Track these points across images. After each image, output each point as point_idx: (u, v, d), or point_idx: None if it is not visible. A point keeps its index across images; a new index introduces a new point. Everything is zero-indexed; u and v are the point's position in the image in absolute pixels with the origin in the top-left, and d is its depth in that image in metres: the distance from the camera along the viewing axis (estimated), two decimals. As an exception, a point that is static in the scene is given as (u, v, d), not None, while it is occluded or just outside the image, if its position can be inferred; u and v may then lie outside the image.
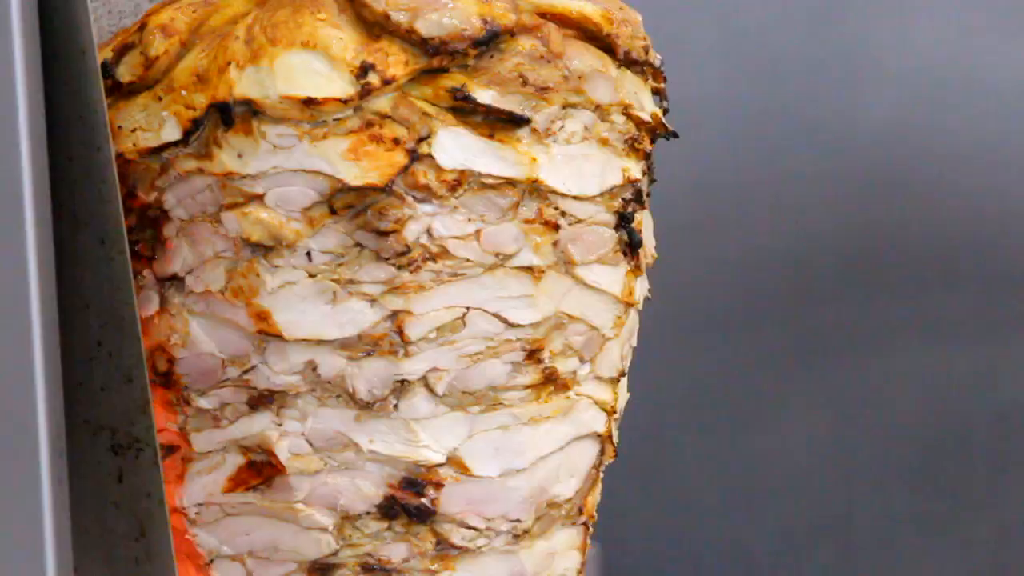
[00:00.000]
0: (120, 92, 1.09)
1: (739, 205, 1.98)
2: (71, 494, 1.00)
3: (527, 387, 1.12)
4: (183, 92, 1.08)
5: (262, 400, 1.10)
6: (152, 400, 1.03)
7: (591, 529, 1.20)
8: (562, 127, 1.10)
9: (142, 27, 1.10)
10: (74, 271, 1.02)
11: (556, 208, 1.10)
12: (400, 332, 1.08)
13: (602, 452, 1.18)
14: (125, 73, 1.10)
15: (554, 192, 1.10)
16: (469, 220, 1.08)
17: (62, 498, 0.98)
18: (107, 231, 1.02)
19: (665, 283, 1.27)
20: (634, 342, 1.21)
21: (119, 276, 1.03)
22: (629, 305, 1.16)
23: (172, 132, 1.08)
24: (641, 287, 1.18)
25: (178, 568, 1.05)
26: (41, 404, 0.97)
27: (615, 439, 1.19)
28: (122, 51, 1.11)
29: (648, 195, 1.19)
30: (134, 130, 1.09)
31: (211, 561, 1.13)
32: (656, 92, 1.18)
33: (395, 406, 1.09)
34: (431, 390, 1.09)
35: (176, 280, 1.10)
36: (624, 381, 1.20)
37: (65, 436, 1.00)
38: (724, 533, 2.02)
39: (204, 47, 1.09)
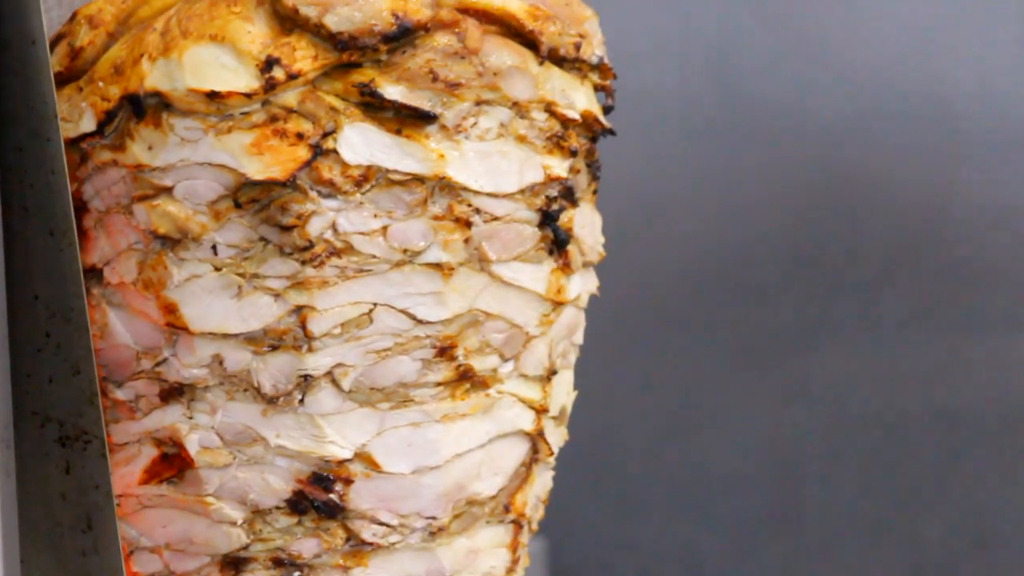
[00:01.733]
0: (50, 83, 1.10)
1: (686, 201, 1.97)
2: (18, 485, 1.01)
3: (439, 384, 1.11)
4: (100, 83, 1.08)
5: (173, 393, 1.10)
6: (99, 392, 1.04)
7: (526, 527, 1.19)
8: (475, 124, 1.09)
9: (72, 18, 1.10)
10: (23, 262, 1.03)
11: (469, 205, 1.10)
12: (304, 327, 1.08)
13: (535, 450, 1.17)
14: (54, 64, 1.10)
15: (466, 189, 1.09)
16: (375, 216, 1.08)
17: (9, 489, 0.99)
18: (56, 222, 1.03)
19: (611, 280, 1.27)
20: (578, 339, 1.20)
21: (68, 267, 1.03)
22: (559, 303, 1.16)
23: (89, 123, 1.09)
24: (580, 285, 1.17)
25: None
26: (-11, 395, 0.97)
27: (551, 437, 1.18)
28: (54, 42, 1.11)
29: (595, 192, 1.19)
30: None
31: (131, 552, 1.13)
32: (601, 89, 1.18)
33: (300, 401, 1.09)
34: (337, 385, 1.09)
35: (96, 271, 1.11)
36: (567, 379, 1.19)
37: (13, 427, 1.00)
38: (672, 530, 2.02)
39: (128, 39, 1.08)
